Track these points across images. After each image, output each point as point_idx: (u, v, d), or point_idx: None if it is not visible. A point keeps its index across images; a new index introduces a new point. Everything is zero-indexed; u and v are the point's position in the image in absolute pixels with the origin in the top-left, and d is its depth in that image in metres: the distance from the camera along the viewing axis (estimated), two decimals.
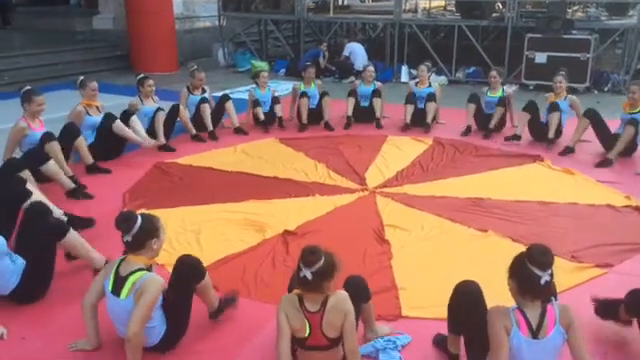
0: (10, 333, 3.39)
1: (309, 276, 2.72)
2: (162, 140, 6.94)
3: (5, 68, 11.17)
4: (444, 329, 3.34)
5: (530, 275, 2.58)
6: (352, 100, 8.14)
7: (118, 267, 3.09)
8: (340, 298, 2.83)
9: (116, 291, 3.04)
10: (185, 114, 7.38)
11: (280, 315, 2.82)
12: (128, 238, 3.03)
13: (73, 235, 3.87)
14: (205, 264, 4.02)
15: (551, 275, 2.58)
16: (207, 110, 7.54)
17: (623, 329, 3.32)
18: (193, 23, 14.29)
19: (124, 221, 3.04)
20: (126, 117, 6.66)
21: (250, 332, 3.44)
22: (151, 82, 7.15)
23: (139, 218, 3.05)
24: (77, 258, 4.02)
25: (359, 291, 3.16)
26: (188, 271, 3.25)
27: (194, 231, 4.75)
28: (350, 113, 8.07)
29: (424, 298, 3.78)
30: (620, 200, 5.34)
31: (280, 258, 4.33)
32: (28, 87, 5.69)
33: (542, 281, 2.56)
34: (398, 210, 5.28)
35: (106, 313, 3.18)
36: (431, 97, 7.82)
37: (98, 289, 3.16)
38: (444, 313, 3.47)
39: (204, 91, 7.77)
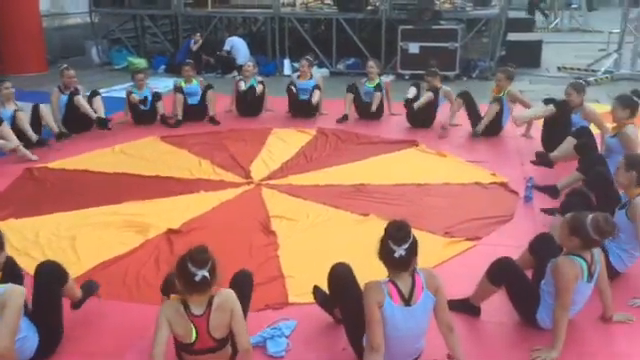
0: None
1: (208, 275, 2.65)
2: (34, 136, 6.59)
3: None
4: None
5: (387, 250, 2.75)
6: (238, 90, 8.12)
7: None
8: (225, 296, 2.79)
9: None
10: (47, 112, 6.96)
11: (160, 320, 2.73)
12: None
13: None
14: (83, 271, 3.91)
15: (407, 250, 2.73)
16: (82, 101, 7.23)
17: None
18: (63, 20, 13.59)
19: None
20: None
21: (133, 335, 3.34)
22: (8, 84, 6.69)
23: None
24: None
25: (248, 284, 3.18)
26: (49, 276, 3.13)
27: (69, 237, 4.52)
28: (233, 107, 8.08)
29: (310, 284, 3.83)
30: (487, 177, 5.75)
31: (164, 258, 4.23)
32: None
33: (396, 255, 2.72)
34: (283, 201, 5.35)
35: None
36: (315, 87, 7.98)
37: None
38: None
39: (77, 90, 7.36)
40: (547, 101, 6.40)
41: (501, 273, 3.37)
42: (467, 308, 3.49)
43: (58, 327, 3.16)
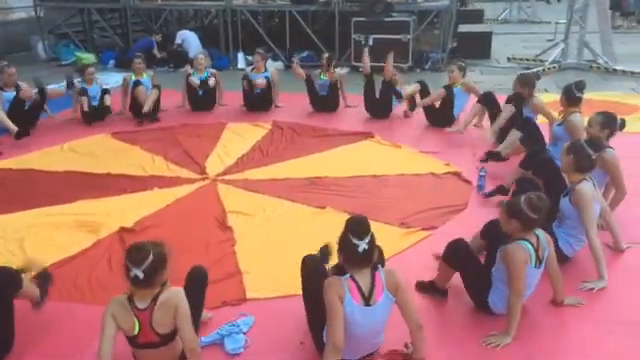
0: None
1: (140, 275, 2.63)
2: None
3: None
4: (287, 305, 3.45)
5: (350, 245, 2.74)
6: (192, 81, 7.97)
7: None
8: (172, 294, 2.77)
9: None
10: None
11: (106, 317, 2.71)
12: None
13: None
14: (33, 273, 3.76)
15: (369, 244, 2.75)
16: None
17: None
18: (6, 15, 13.06)
19: None
20: None
21: (86, 337, 3.24)
22: None
23: None
24: None
25: (202, 280, 3.14)
26: (2, 282, 3.02)
27: (17, 239, 4.38)
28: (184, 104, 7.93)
29: (267, 279, 3.85)
30: (441, 168, 5.82)
31: (117, 257, 4.12)
32: None
33: (360, 249, 2.73)
34: (240, 196, 5.30)
35: None
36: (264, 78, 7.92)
37: None
38: (286, 290, 3.60)
39: (18, 87, 7.09)
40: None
41: (454, 256, 3.46)
42: (434, 291, 3.58)
43: (9, 333, 3.04)
